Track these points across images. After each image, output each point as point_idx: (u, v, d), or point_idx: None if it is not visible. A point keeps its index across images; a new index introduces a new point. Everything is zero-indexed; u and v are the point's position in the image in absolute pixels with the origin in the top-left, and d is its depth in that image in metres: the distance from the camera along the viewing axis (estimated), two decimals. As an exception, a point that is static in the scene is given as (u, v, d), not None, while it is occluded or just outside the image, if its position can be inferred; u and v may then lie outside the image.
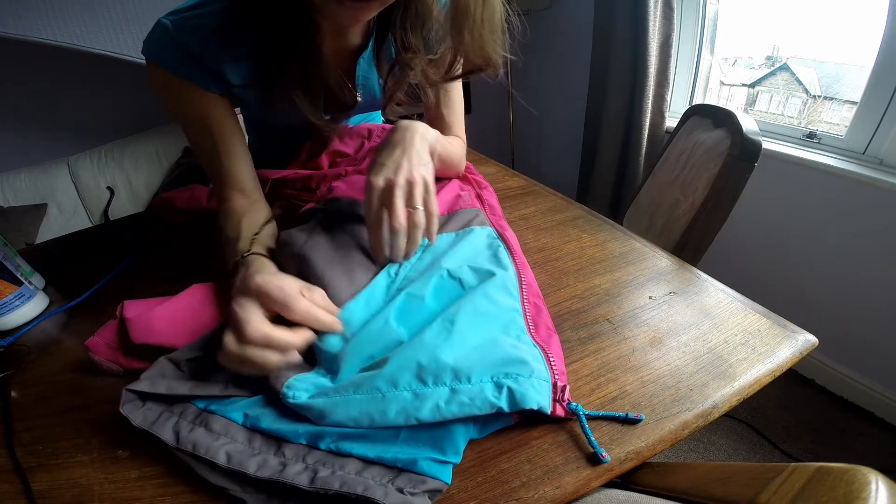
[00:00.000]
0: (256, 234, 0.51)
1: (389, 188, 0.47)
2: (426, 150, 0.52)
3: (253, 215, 0.55)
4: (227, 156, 0.56)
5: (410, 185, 0.48)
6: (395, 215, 0.46)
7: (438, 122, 0.70)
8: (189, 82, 0.51)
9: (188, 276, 0.54)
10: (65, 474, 0.36)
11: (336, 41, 0.58)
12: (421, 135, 0.53)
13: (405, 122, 0.54)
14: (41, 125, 1.81)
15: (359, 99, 0.64)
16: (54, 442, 0.39)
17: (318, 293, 0.41)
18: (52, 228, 1.74)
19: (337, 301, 0.43)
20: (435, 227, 0.50)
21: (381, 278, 0.47)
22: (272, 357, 0.36)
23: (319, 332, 0.40)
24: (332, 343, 0.40)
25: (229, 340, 0.36)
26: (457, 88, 0.69)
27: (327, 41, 0.56)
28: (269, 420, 0.36)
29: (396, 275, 0.48)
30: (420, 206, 0.48)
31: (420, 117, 0.69)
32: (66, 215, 1.81)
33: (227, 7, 0.48)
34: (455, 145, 0.68)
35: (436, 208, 0.50)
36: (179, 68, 0.50)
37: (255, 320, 0.36)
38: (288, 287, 0.38)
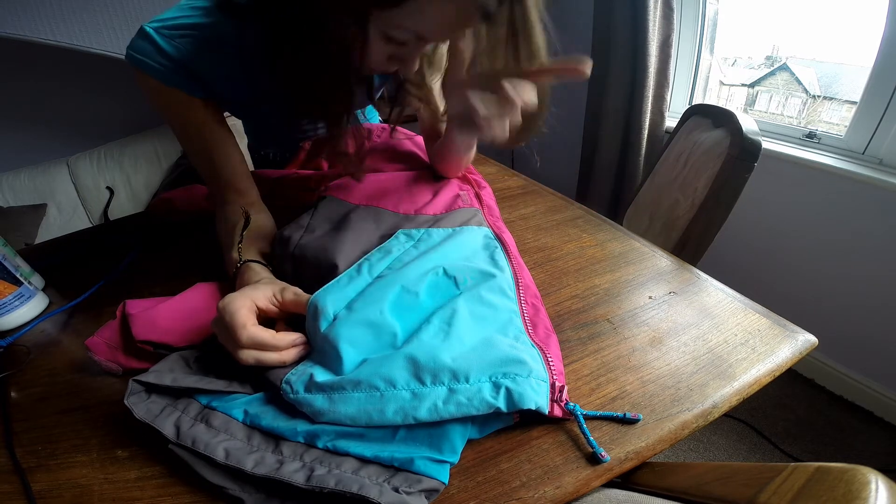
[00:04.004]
0: (240, 242, 0.50)
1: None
2: None
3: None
4: (219, 158, 0.56)
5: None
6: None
7: (434, 137, 0.69)
8: (174, 89, 0.50)
9: (188, 276, 0.54)
10: (64, 475, 0.36)
11: None
12: None
13: None
14: (41, 125, 1.81)
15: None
16: (54, 442, 0.39)
17: (290, 291, 0.41)
18: (51, 229, 1.74)
19: None
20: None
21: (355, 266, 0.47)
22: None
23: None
24: (323, 320, 0.39)
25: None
26: None
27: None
28: (269, 418, 0.36)
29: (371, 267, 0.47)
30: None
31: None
32: (65, 215, 1.81)
33: (218, 22, 0.47)
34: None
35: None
36: (163, 75, 0.49)
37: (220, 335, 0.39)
38: (237, 310, 0.37)
